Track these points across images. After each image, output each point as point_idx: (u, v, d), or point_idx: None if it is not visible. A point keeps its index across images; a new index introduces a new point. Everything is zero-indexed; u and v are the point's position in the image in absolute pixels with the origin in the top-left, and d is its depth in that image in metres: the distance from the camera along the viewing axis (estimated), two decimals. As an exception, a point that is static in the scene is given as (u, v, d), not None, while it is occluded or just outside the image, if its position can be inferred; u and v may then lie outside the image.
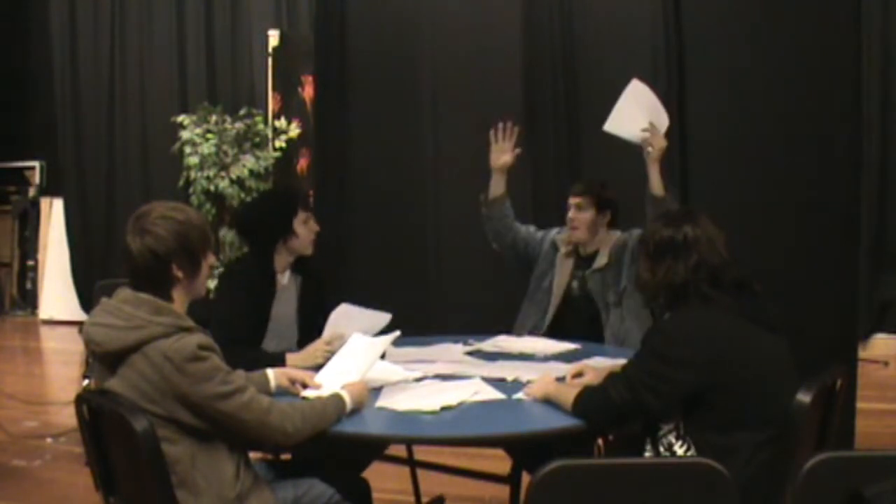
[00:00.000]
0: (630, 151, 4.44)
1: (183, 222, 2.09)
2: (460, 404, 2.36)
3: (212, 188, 6.95)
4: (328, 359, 2.70)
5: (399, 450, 3.26)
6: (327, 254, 4.87)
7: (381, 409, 2.36)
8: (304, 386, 2.48)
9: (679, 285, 2.23)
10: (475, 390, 2.48)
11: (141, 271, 2.05)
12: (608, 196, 3.40)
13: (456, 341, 3.24)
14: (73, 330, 4.52)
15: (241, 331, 2.85)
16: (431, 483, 3.51)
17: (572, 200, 3.40)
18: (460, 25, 4.75)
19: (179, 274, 2.08)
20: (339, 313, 3.03)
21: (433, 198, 4.88)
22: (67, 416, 4.62)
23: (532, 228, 3.63)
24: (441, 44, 4.79)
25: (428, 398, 2.38)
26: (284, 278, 3.12)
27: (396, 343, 2.75)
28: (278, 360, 2.74)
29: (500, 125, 3.52)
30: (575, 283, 3.44)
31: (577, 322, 3.34)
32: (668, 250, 2.26)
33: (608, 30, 4.51)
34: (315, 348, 2.85)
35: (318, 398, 2.29)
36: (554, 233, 3.58)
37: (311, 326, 3.11)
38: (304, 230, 3.06)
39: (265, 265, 3.05)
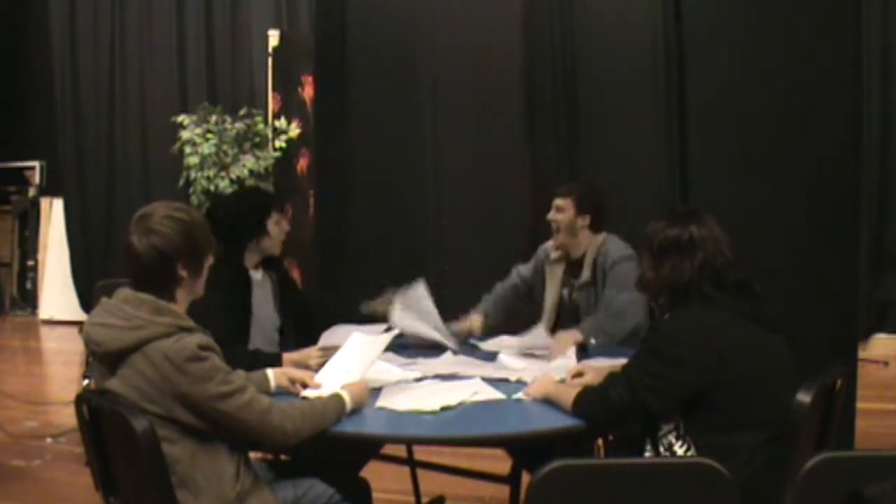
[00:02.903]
0: (630, 152, 4.47)
1: (188, 222, 2.10)
2: (460, 404, 2.36)
3: (212, 188, 6.95)
4: (321, 363, 2.71)
5: (399, 450, 3.27)
6: (328, 253, 4.89)
7: (381, 409, 2.36)
8: (304, 386, 2.48)
9: (683, 284, 2.22)
10: (475, 390, 2.48)
11: (146, 271, 2.05)
12: (588, 199, 3.35)
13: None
14: (73, 330, 4.51)
15: (221, 328, 2.83)
16: (431, 483, 3.51)
17: (553, 202, 3.39)
18: (460, 25, 4.76)
19: (184, 273, 2.09)
20: (331, 331, 3.06)
21: (433, 197, 4.88)
22: (67, 416, 4.62)
23: (524, 269, 3.59)
24: (441, 44, 4.79)
25: (428, 398, 2.38)
26: (258, 274, 3.17)
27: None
28: (275, 361, 2.75)
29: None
30: (565, 292, 3.44)
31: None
32: (674, 249, 2.24)
33: (608, 30, 4.51)
34: (308, 352, 2.86)
35: (318, 398, 2.29)
36: (541, 248, 3.57)
37: (295, 322, 3.21)
38: (277, 230, 3.15)
39: (237, 262, 3.10)
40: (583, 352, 3.01)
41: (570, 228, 3.35)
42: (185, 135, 7.07)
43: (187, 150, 7.04)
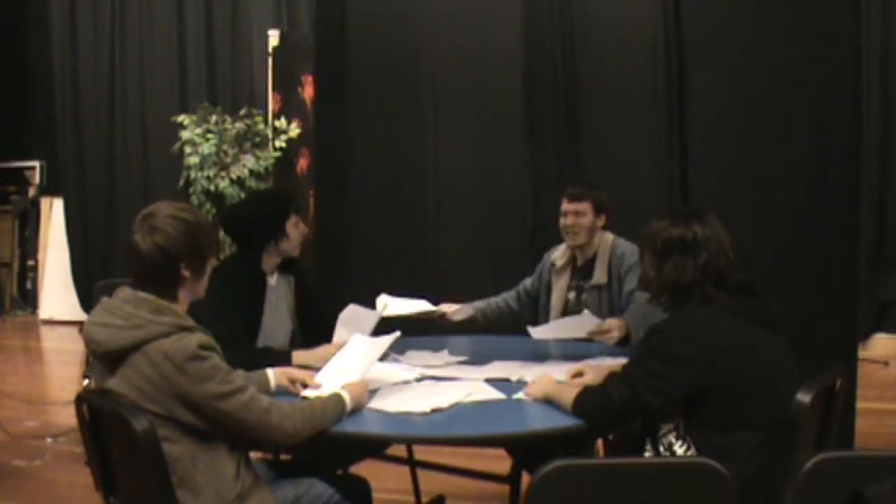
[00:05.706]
0: (630, 152, 4.47)
1: (192, 223, 2.10)
2: (452, 406, 2.35)
3: (212, 188, 6.95)
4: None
5: (399, 450, 3.26)
6: (327, 253, 4.89)
7: (372, 410, 2.35)
8: (305, 386, 2.48)
9: (687, 284, 2.22)
10: (469, 391, 2.47)
11: (150, 270, 2.05)
12: (603, 199, 3.39)
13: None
14: (73, 330, 4.52)
15: (232, 330, 2.85)
16: (431, 483, 3.51)
17: (570, 206, 3.38)
18: (460, 25, 4.76)
19: (187, 273, 2.09)
20: (346, 315, 3.09)
21: (433, 197, 4.88)
22: (67, 416, 4.62)
23: (528, 281, 3.59)
24: (441, 44, 4.79)
25: (420, 400, 2.38)
26: (273, 279, 3.16)
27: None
28: (284, 358, 2.75)
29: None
30: (572, 295, 3.43)
31: None
32: (678, 248, 2.23)
33: (608, 29, 4.51)
34: (327, 351, 2.83)
35: (318, 398, 2.29)
36: (546, 257, 3.57)
37: (313, 324, 3.18)
38: (295, 232, 3.14)
39: (255, 265, 3.10)
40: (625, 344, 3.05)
41: (591, 230, 3.38)
42: (185, 135, 7.07)
43: (187, 150, 7.04)
